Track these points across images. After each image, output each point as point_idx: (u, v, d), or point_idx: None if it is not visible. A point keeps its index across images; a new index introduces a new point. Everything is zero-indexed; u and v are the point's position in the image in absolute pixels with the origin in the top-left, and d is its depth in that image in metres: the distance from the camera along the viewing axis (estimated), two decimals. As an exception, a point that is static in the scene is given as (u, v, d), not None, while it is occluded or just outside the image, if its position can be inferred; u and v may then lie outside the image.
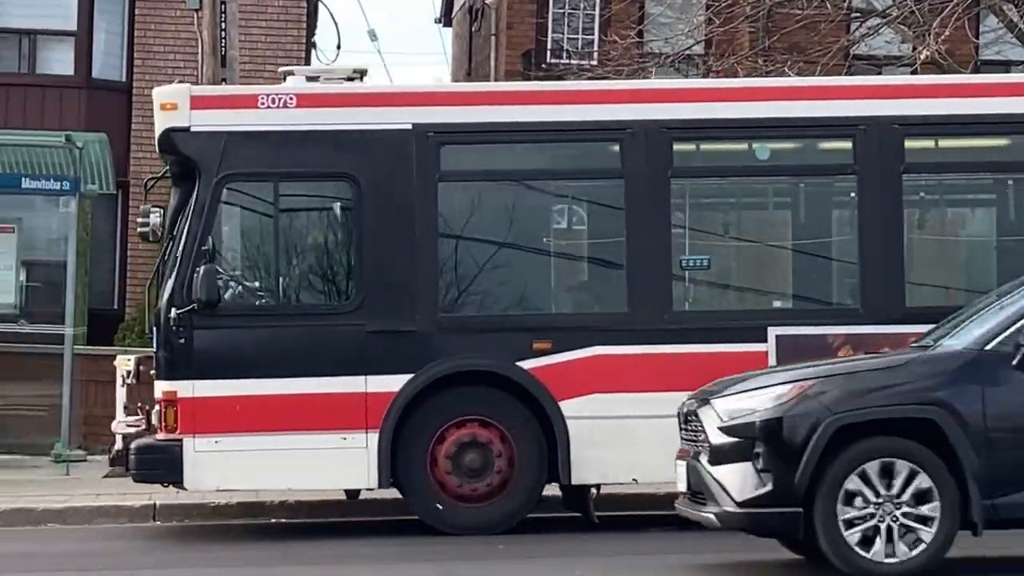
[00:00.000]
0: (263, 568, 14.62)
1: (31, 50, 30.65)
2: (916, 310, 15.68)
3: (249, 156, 16.12)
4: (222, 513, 17.78)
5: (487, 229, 16.74)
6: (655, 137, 16.01)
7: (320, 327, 15.95)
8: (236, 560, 15.17)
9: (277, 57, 29.37)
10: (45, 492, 19.36)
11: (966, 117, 16.45)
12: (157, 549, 16.31)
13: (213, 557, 15.49)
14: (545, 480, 15.78)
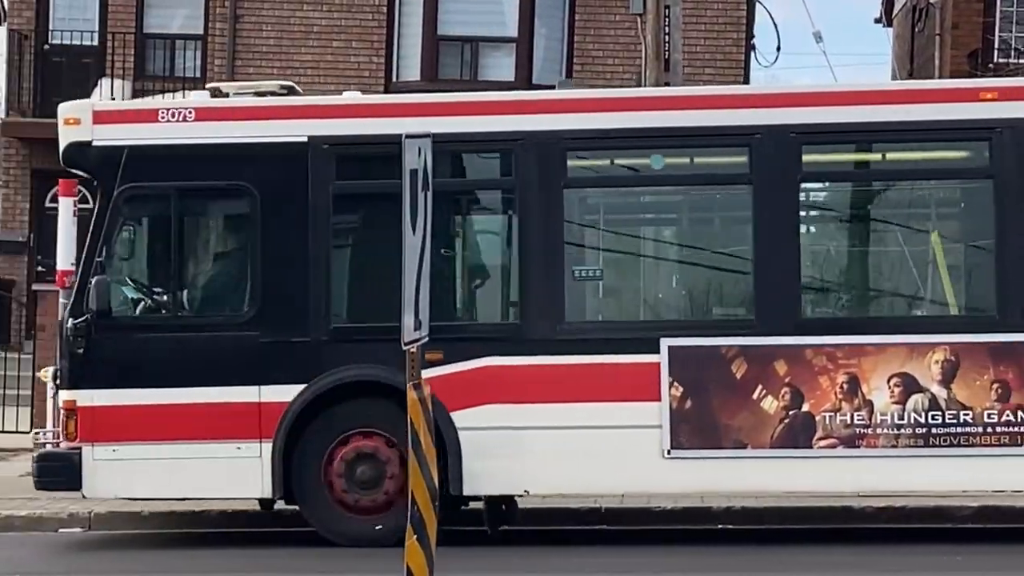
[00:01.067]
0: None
1: (473, 56, 31.46)
2: (810, 321, 15.84)
3: (149, 169, 16.15)
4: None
5: (379, 240, 16.67)
6: (550, 151, 15.95)
7: (215, 337, 16.03)
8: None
9: (716, 60, 30.44)
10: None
11: (864, 125, 16.31)
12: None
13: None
14: (438, 492, 15.72)
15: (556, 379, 15.63)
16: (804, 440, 15.37)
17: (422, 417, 9.76)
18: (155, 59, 31.74)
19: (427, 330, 10.09)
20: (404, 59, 31.18)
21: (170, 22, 32.04)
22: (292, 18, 30.91)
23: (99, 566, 15.76)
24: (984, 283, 16.27)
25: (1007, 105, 15.94)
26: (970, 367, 15.38)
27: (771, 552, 16.06)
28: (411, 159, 9.81)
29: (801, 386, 15.46)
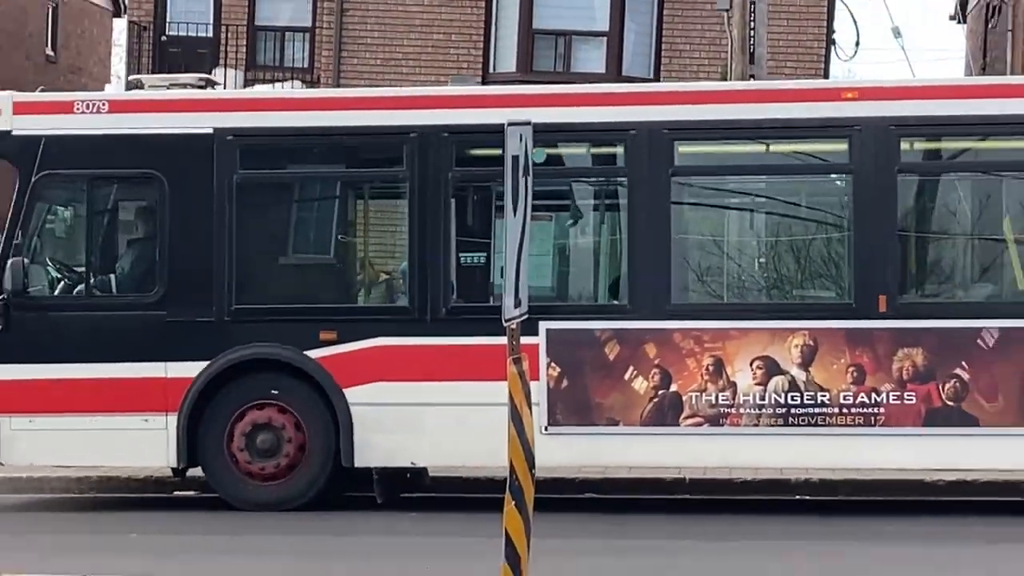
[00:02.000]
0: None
1: (567, 50, 31.68)
2: (679, 307, 16.23)
3: (64, 157, 16.58)
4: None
5: (280, 225, 17.48)
6: (439, 142, 16.44)
7: (125, 316, 16.51)
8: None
9: (798, 54, 30.45)
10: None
11: (738, 122, 16.66)
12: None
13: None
14: (332, 462, 16.19)
15: (443, 358, 16.15)
16: (672, 418, 15.83)
17: (521, 390, 9.83)
18: (265, 50, 32.24)
19: (526, 307, 10.15)
20: (501, 51, 31.45)
21: (280, 15, 32.55)
22: (395, 12, 31.26)
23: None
24: (842, 273, 16.79)
25: (867, 104, 16.35)
26: (827, 351, 15.80)
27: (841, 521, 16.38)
28: (513, 145, 10.01)
29: (669, 368, 15.87)
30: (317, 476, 16.35)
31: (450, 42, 31.15)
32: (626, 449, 16.35)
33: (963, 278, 17.40)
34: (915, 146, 16.92)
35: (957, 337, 15.90)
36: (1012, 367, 15.84)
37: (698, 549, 14.31)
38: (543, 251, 17.08)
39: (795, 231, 17.52)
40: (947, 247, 17.57)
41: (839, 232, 16.94)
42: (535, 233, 12.51)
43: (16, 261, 16.15)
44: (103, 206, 17.34)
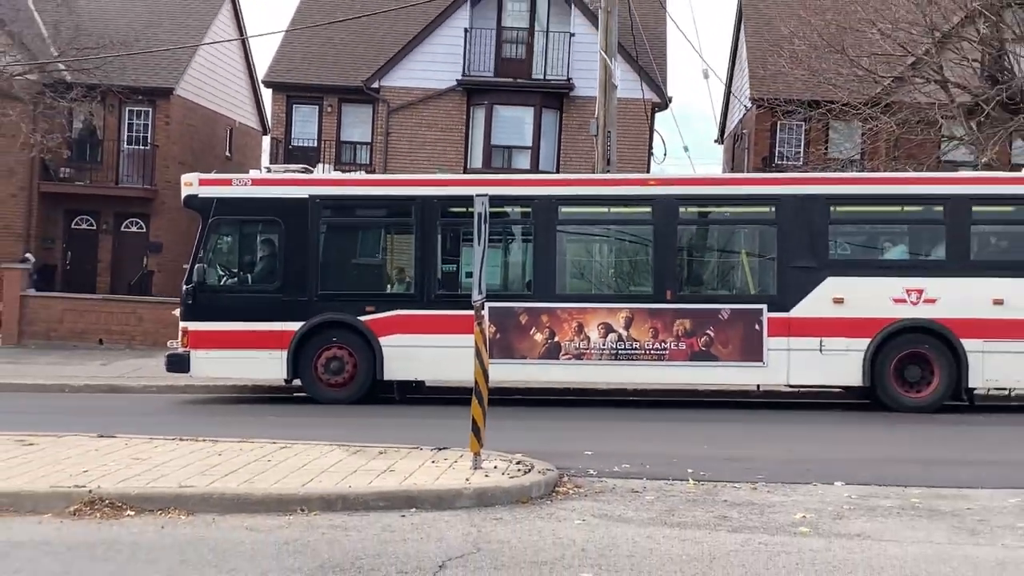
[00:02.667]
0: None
1: (508, 156, 32.23)
2: (560, 294, 17.54)
3: (226, 209, 18.04)
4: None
5: (344, 248, 18.94)
6: (433, 203, 17.79)
7: (260, 297, 18.09)
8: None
9: (632, 160, 30.62)
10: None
11: (595, 195, 18.30)
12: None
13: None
14: (372, 377, 17.75)
15: (433, 322, 17.64)
16: (555, 355, 17.45)
17: (481, 340, 10.52)
18: (345, 155, 33.57)
19: (484, 294, 10.80)
20: (473, 156, 32.27)
21: (354, 135, 33.87)
22: (415, 135, 32.51)
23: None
24: (648, 277, 17.90)
25: (661, 187, 17.84)
26: (640, 320, 17.33)
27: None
28: (478, 205, 10.79)
29: (554, 328, 17.45)
30: (363, 384, 17.86)
31: (446, 151, 32.27)
32: (531, 372, 17.86)
33: (713, 281, 18.56)
34: (688, 210, 17.99)
35: (708, 313, 17.36)
36: (736, 330, 17.21)
37: (578, 426, 15.63)
38: (492, 264, 17.96)
39: (624, 254, 18.88)
40: (705, 264, 18.70)
41: (646, 255, 18.08)
42: (488, 254, 12.60)
43: (200, 266, 17.94)
44: (248, 237, 18.80)
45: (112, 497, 9.14)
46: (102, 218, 34.95)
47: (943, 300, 17.07)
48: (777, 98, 31.10)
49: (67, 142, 33.72)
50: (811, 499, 9.89)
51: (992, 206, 17.81)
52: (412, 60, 32.99)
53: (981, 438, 14.83)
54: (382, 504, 9.23)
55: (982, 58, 27.38)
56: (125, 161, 35.01)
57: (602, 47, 21.78)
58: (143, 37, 34.09)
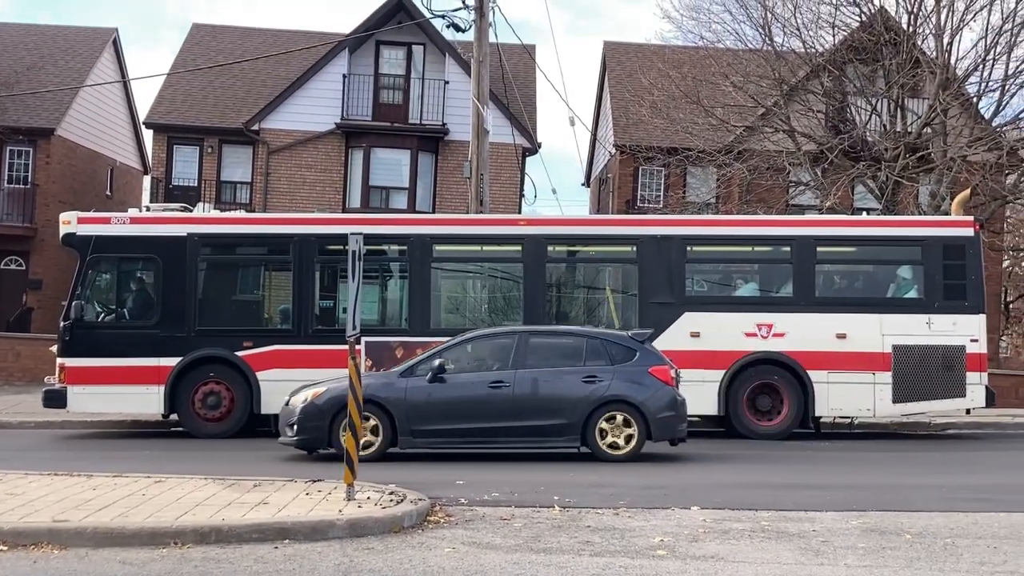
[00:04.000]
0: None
1: (386, 196, 32.02)
2: (435, 329, 17.23)
3: (104, 247, 17.52)
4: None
5: (222, 284, 18.60)
6: (310, 241, 17.64)
7: (138, 333, 17.58)
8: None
9: (504, 202, 30.93)
10: None
11: (465, 233, 18.30)
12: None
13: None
14: (249, 412, 17.38)
15: (307, 357, 17.29)
16: None
17: (355, 373, 10.34)
18: (226, 195, 32.90)
19: (359, 330, 10.58)
20: (351, 196, 31.91)
21: (234, 175, 33.27)
22: (295, 175, 32.07)
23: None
24: (518, 311, 17.76)
25: (531, 227, 17.94)
26: None
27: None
28: (352, 243, 10.63)
29: None
30: (241, 418, 17.53)
31: (326, 191, 32.00)
32: None
33: (579, 316, 18.37)
34: (556, 249, 18.14)
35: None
36: None
37: (453, 456, 14.78)
38: (370, 300, 18.11)
39: (496, 290, 18.88)
40: (572, 300, 18.84)
41: (517, 292, 18.07)
42: (364, 290, 12.23)
43: (78, 303, 17.44)
44: (127, 274, 18.38)
45: (-18, 533, 8.75)
46: (-19, 256, 33.78)
47: (791, 334, 17.49)
48: (639, 145, 31.65)
49: (-54, 180, 32.62)
50: (669, 523, 9.97)
51: (835, 247, 18.34)
52: (292, 103, 32.70)
53: (826, 464, 15.16)
54: (256, 536, 9.02)
55: (826, 109, 28.35)
56: (5, 199, 33.94)
57: (474, 94, 21.99)
58: (24, 79, 33.23)
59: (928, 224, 18.91)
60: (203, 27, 38.58)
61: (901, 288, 18.16)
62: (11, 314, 32.60)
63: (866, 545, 9.08)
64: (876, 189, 26.78)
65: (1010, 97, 27.14)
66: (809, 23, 27.18)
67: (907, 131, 26.86)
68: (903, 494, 11.86)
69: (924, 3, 26.58)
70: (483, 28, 21.93)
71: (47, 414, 18.94)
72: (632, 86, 33.74)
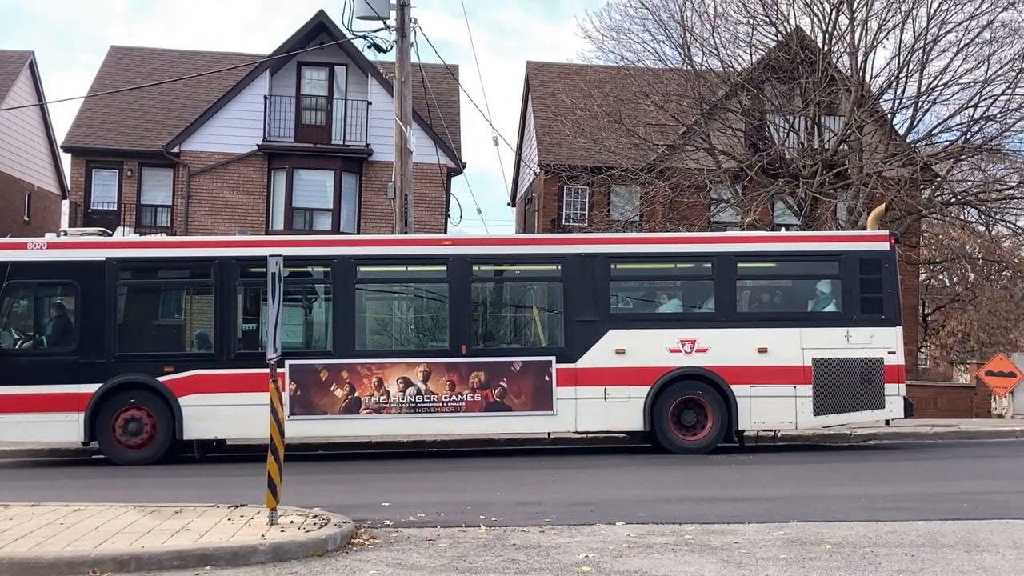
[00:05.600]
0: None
1: (309, 217, 31.92)
2: (361, 350, 17.24)
3: (21, 273, 17.19)
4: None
5: (142, 309, 18.20)
6: (231, 264, 17.33)
7: (56, 360, 17.21)
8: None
9: (430, 222, 31.31)
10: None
11: (390, 254, 17.99)
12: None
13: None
14: (172, 437, 17.06)
15: (232, 381, 17.10)
16: (355, 410, 17.16)
17: (277, 397, 10.19)
18: (146, 218, 32.49)
19: (280, 352, 10.45)
20: (274, 218, 31.90)
21: (156, 198, 32.86)
22: (217, 198, 31.78)
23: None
24: (445, 333, 17.77)
25: (455, 247, 17.87)
26: (436, 374, 17.25)
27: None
28: (272, 266, 10.45)
29: (354, 383, 17.17)
30: (163, 444, 17.19)
31: (248, 213, 31.87)
32: (332, 427, 17.53)
33: (505, 335, 18.45)
34: (481, 268, 17.99)
35: (501, 365, 17.35)
36: (528, 381, 17.28)
37: (378, 478, 15.37)
38: (294, 323, 17.95)
39: (422, 311, 18.84)
40: (498, 319, 18.74)
41: (443, 312, 17.91)
42: (285, 313, 11.89)
43: None
44: (44, 300, 17.93)
45: None
46: None
47: (714, 350, 17.64)
48: (563, 164, 31.89)
49: None
50: (594, 539, 10.00)
51: (755, 262, 18.52)
52: (213, 125, 32.49)
53: (750, 476, 15.28)
54: (176, 563, 8.88)
55: (745, 128, 28.80)
56: (-83, 225, 33.23)
57: (397, 115, 21.98)
58: (-65, 102, 32.61)
59: (845, 239, 19.21)
60: (121, 49, 38.14)
61: (820, 302, 18.37)
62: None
63: (787, 556, 9.17)
64: (795, 205, 27.24)
65: (923, 114, 27.84)
66: (727, 43, 27.68)
67: (824, 148, 27.39)
68: (824, 505, 11.99)
69: (838, 22, 27.18)
70: (404, 49, 21.92)
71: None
72: (555, 106, 33.95)
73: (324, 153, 32.40)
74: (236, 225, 31.28)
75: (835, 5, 27.04)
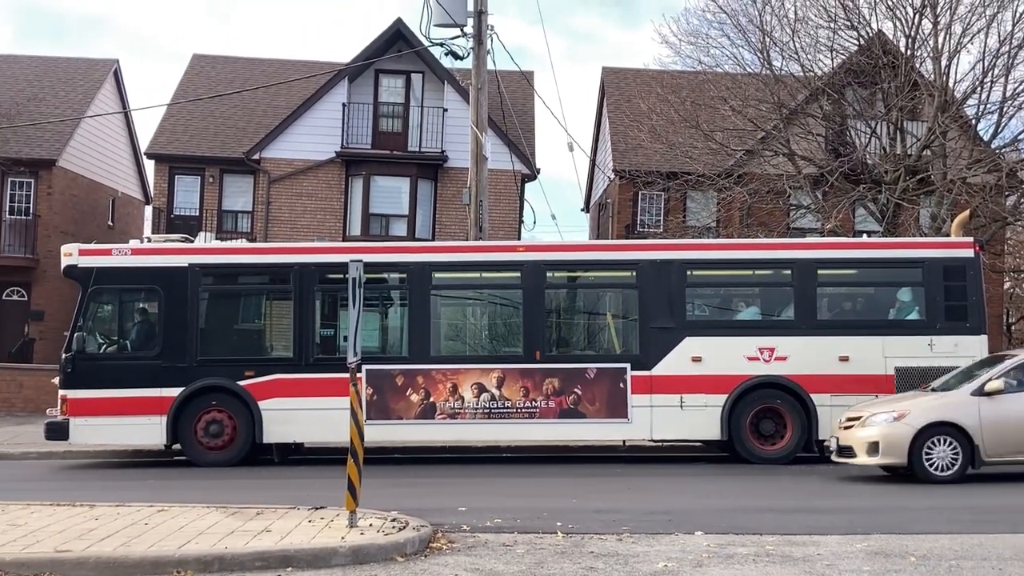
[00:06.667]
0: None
1: (386, 224, 32.08)
2: (436, 356, 17.37)
3: (105, 279, 17.57)
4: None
5: (224, 314, 18.50)
6: (310, 270, 17.59)
7: (140, 364, 17.51)
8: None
9: (504, 228, 31.10)
10: None
11: (467, 261, 18.08)
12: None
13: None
14: (252, 440, 17.33)
15: (311, 385, 17.28)
16: (430, 416, 17.29)
17: (357, 401, 10.34)
18: (227, 224, 32.90)
19: (360, 357, 10.56)
20: (351, 224, 31.97)
21: (236, 204, 33.17)
22: (296, 204, 32.15)
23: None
24: (518, 338, 17.80)
25: (529, 253, 17.81)
26: (510, 380, 17.31)
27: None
28: (352, 271, 10.63)
29: (429, 388, 17.34)
30: (243, 447, 17.50)
31: (326, 219, 32.07)
32: (407, 432, 17.60)
33: (579, 342, 18.64)
34: (555, 274, 18.04)
35: (575, 372, 17.34)
36: (602, 388, 17.25)
37: (453, 483, 15.42)
38: (370, 328, 18.00)
39: (496, 317, 18.82)
40: (572, 326, 18.79)
41: (517, 318, 17.98)
42: (364, 318, 11.94)
43: (79, 335, 17.46)
44: (128, 305, 18.33)
45: (-15, 564, 8.74)
46: (-18, 287, 33.82)
47: (793, 358, 17.45)
48: (638, 170, 31.71)
49: (-52, 212, 32.70)
50: (673, 548, 9.94)
51: (836, 269, 18.34)
52: (292, 132, 32.83)
53: (830, 487, 15.09)
54: (259, 564, 9.00)
55: (826, 133, 28.41)
56: (7, 230, 34.00)
57: (473, 122, 22.03)
58: (26, 110, 33.37)
59: (929, 246, 18.97)
60: (204, 57, 38.75)
61: (902, 310, 18.11)
62: (13, 345, 32.63)
63: (871, 568, 9.04)
64: (877, 211, 26.81)
65: (1008, 119, 27.22)
66: (807, 47, 27.31)
67: (907, 153, 26.91)
68: (907, 516, 11.82)
69: (922, 27, 26.71)
70: (481, 56, 21.98)
71: (49, 444, 18.87)
72: (630, 111, 33.83)
73: (400, 160, 32.57)
74: (314, 231, 31.57)
75: (918, 9, 26.59)
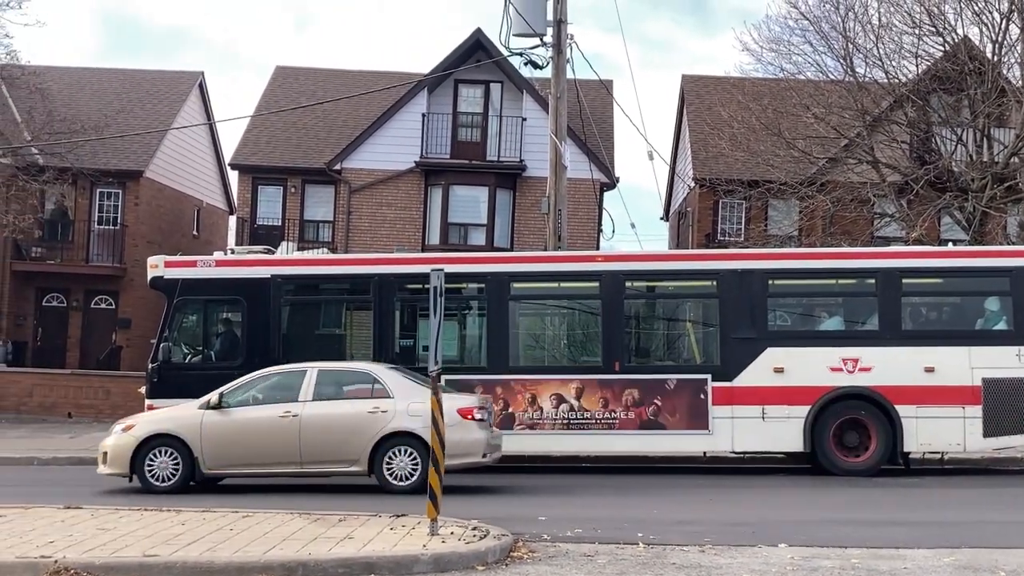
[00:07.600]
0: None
1: (464, 233, 32.18)
2: (514, 367, 17.52)
3: (190, 290, 17.84)
4: None
5: (306, 323, 18.71)
6: (390, 280, 17.73)
7: (222, 373, 16.73)
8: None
9: (583, 237, 30.94)
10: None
11: (546, 271, 18.19)
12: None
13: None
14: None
15: None
16: (509, 425, 17.21)
17: (438, 407, 10.54)
18: (309, 233, 33.27)
19: (440, 365, 10.70)
20: (430, 233, 32.20)
21: (317, 214, 33.57)
22: (376, 213, 32.43)
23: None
24: (597, 349, 17.80)
25: (608, 263, 17.98)
26: (589, 391, 17.35)
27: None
28: (434, 280, 10.71)
29: (508, 399, 17.45)
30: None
31: (405, 229, 32.29)
32: None
33: (659, 352, 18.56)
34: (634, 284, 18.11)
35: (655, 383, 17.35)
36: (682, 399, 17.21)
37: (533, 492, 15.51)
38: (448, 338, 17.74)
39: (574, 327, 18.85)
40: (651, 336, 18.79)
41: (596, 328, 17.98)
42: (444, 327, 12.00)
43: (165, 345, 17.76)
44: (213, 316, 18.68)
45: (77, 567, 8.95)
46: (72, 295, 34.64)
47: (878, 368, 17.22)
48: (718, 178, 31.47)
49: (39, 222, 33.75)
50: (756, 560, 9.88)
51: (922, 278, 18.09)
52: (372, 143, 33.13)
53: (917, 500, 14.90)
54: (342, 571, 9.14)
55: (911, 140, 27.97)
56: (95, 240, 34.80)
57: (552, 131, 22.08)
58: (114, 122, 34.12)
59: (1017, 254, 18.57)
60: (286, 69, 39.34)
61: (989, 320, 17.79)
62: (101, 352, 33.41)
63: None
64: (963, 220, 26.33)
65: (1099, 126, 26.56)
66: (891, 53, 26.95)
67: (994, 161, 26.41)
68: (997, 530, 11.62)
69: (1009, 32, 26.20)
70: (561, 65, 22.01)
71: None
72: (711, 119, 33.54)
73: (479, 169, 32.73)
74: (394, 240, 31.80)
75: (1005, 14, 26.10)
